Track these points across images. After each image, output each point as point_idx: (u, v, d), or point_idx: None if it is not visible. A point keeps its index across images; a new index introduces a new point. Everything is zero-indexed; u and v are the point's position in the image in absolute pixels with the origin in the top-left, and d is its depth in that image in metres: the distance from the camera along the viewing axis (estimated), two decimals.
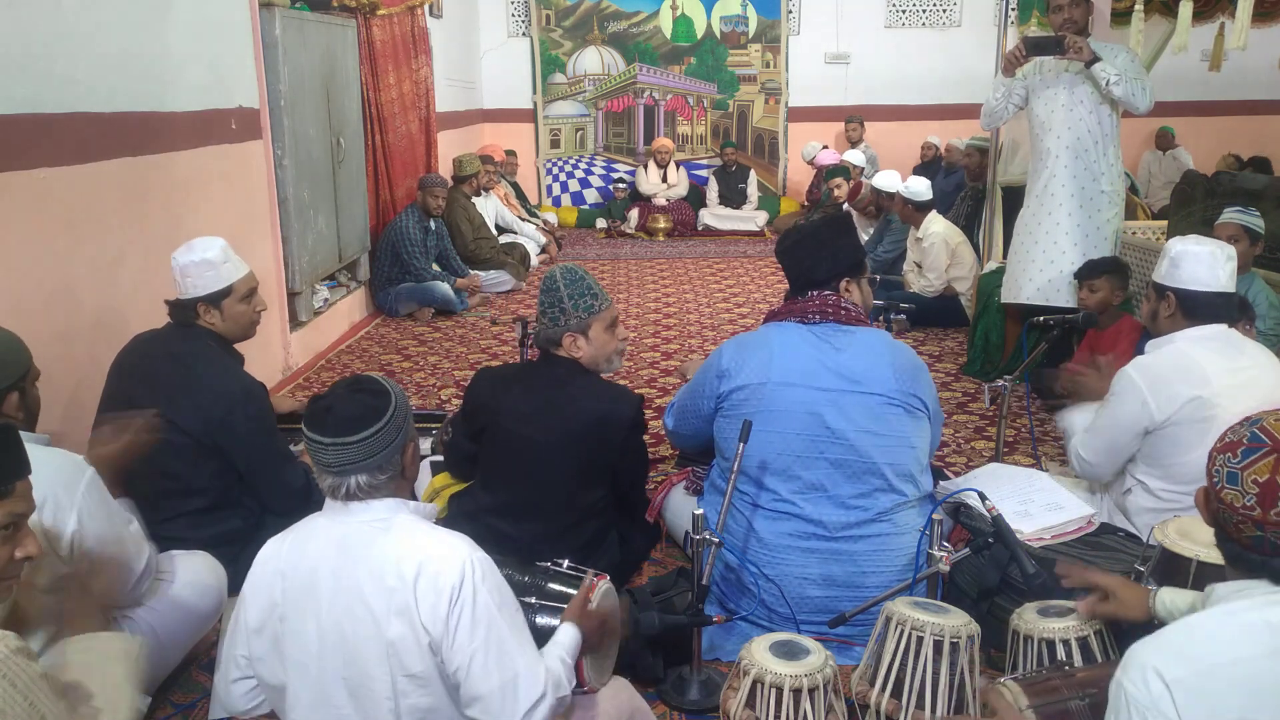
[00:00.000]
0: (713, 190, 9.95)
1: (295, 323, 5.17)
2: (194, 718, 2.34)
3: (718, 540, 2.29)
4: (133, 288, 3.45)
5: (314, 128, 5.25)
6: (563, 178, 10.57)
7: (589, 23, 10.19)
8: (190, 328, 2.74)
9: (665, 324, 6.13)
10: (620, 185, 10.01)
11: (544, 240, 8.37)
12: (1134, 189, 7.95)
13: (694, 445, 2.90)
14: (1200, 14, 5.06)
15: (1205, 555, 2.03)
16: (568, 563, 2.07)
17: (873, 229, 6.94)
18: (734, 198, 9.90)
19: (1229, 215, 3.68)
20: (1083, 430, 2.82)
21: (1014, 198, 5.01)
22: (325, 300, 5.67)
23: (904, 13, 10.06)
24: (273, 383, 4.71)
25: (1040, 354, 3.31)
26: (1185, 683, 1.25)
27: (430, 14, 7.68)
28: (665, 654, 2.39)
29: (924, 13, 10.04)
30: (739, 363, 2.58)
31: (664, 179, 9.83)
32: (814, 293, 2.58)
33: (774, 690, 1.98)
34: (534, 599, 1.94)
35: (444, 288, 6.36)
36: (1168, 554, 2.15)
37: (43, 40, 2.99)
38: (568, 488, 2.63)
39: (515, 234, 8.18)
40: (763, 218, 9.77)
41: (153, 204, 3.65)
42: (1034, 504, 2.66)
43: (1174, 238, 2.75)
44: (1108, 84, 3.91)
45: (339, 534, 1.67)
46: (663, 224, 9.51)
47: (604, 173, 10.52)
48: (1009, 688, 1.86)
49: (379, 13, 6.22)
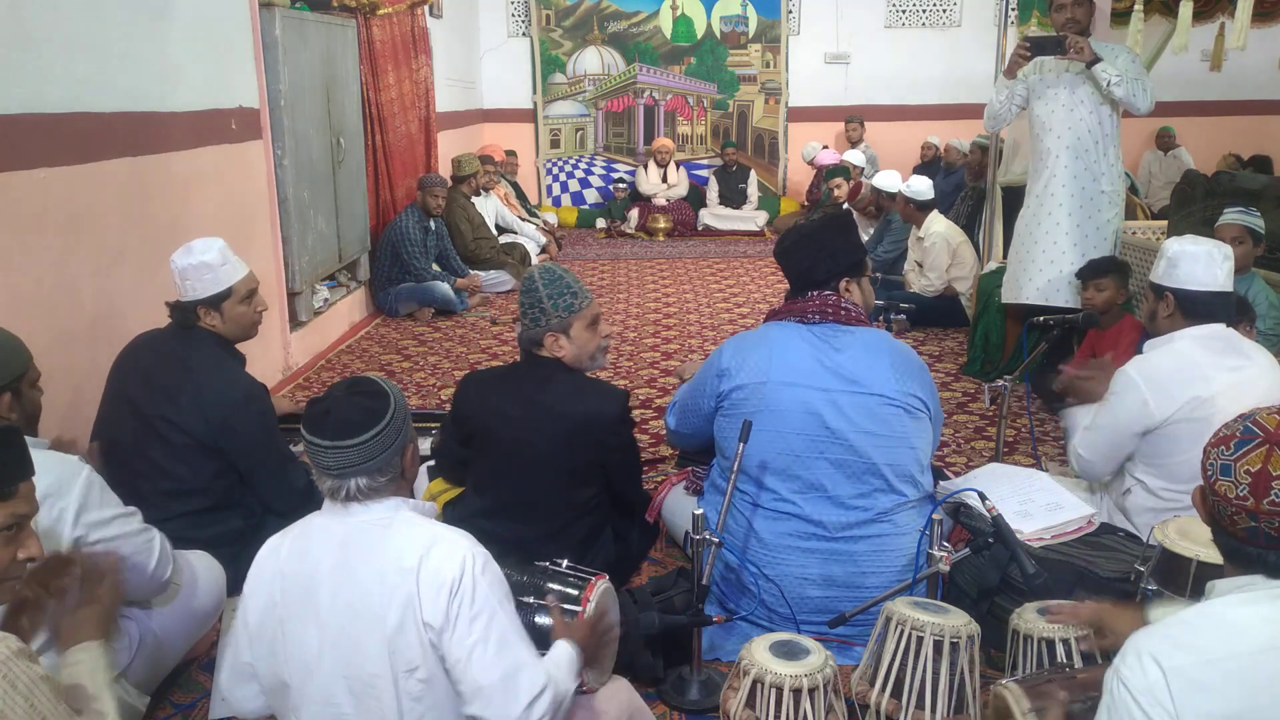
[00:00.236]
0: (713, 190, 9.95)
1: (295, 323, 5.17)
2: (194, 718, 2.34)
3: (718, 540, 2.29)
4: (133, 288, 3.45)
5: (314, 128, 5.25)
6: (563, 178, 10.57)
7: (589, 23, 10.19)
8: (191, 329, 2.74)
9: (665, 324, 6.13)
10: (620, 185, 10.01)
11: (544, 240, 8.37)
12: (1133, 189, 7.96)
13: (694, 444, 2.90)
14: (1200, 14, 5.07)
15: (1205, 555, 2.03)
16: (567, 562, 2.07)
17: (873, 229, 6.94)
18: (734, 198, 9.90)
19: (1231, 216, 3.67)
20: (1082, 429, 2.82)
21: (1014, 198, 5.01)
22: (325, 300, 5.67)
23: (904, 13, 10.05)
24: (273, 383, 4.71)
25: (1040, 354, 3.31)
26: (1183, 672, 1.25)
27: (430, 14, 7.68)
28: (665, 654, 2.39)
29: (924, 13, 10.04)
30: (739, 362, 2.58)
31: (664, 179, 9.83)
32: (814, 293, 2.58)
33: (774, 690, 1.98)
34: (533, 599, 1.94)
35: (444, 288, 6.36)
36: (1168, 554, 2.15)
37: (43, 40, 2.99)
38: (558, 488, 2.63)
39: (515, 234, 8.19)
40: (763, 218, 9.77)
41: (153, 204, 3.65)
42: (1034, 504, 2.66)
43: (1171, 238, 2.75)
44: (1109, 85, 3.91)
45: (339, 533, 1.67)
46: (663, 224, 9.51)
47: (604, 173, 10.52)
48: (1010, 690, 1.85)
49: (379, 13, 6.22)
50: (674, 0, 10.12)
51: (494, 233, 7.73)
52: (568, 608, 1.94)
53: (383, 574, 1.62)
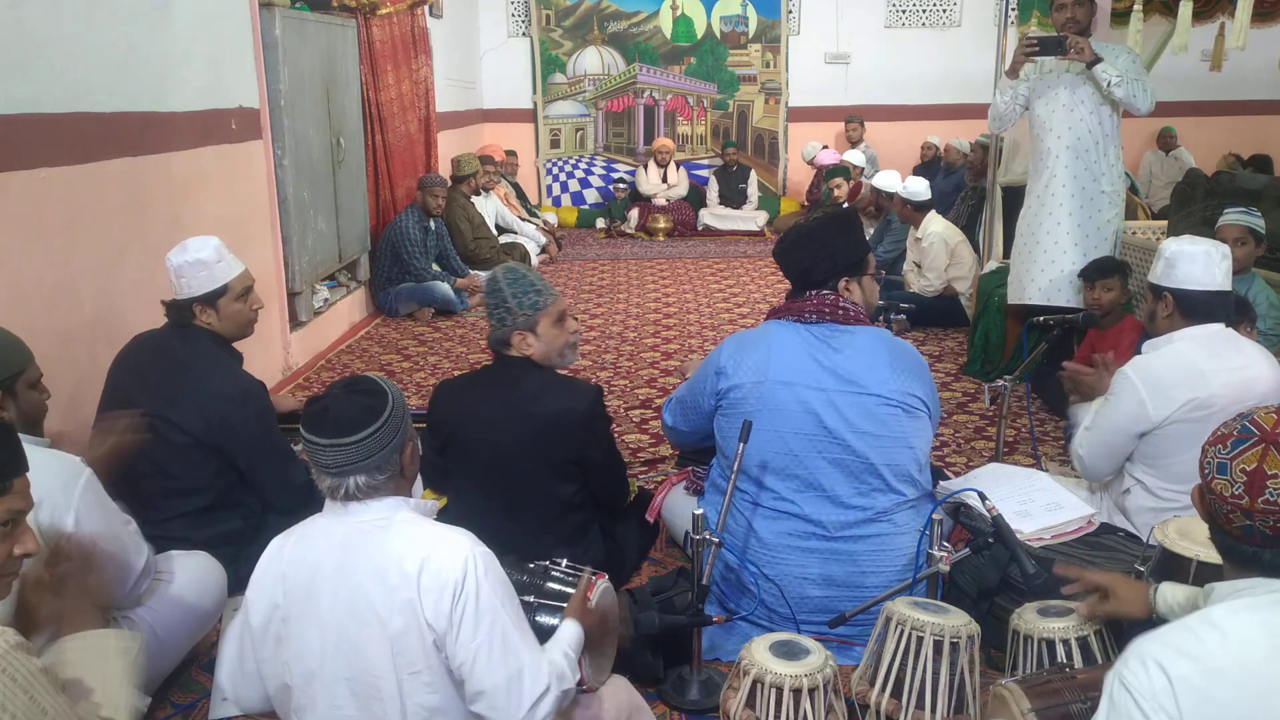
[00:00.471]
0: (713, 190, 9.95)
1: (295, 323, 5.17)
2: (194, 718, 2.34)
3: (718, 540, 2.29)
4: (133, 287, 3.45)
5: (314, 128, 5.25)
6: (563, 178, 10.57)
7: (589, 23, 10.19)
8: (188, 328, 2.74)
9: (665, 324, 6.13)
10: (620, 185, 10.01)
11: (544, 240, 8.37)
12: (1133, 189, 7.95)
13: (693, 442, 2.89)
14: (1200, 14, 5.07)
15: (1205, 555, 2.03)
16: (566, 562, 2.08)
17: (873, 229, 6.94)
18: (734, 198, 9.90)
19: (1232, 217, 3.66)
20: (1082, 429, 2.82)
21: (1014, 198, 5.01)
22: (325, 300, 5.67)
23: (904, 13, 10.05)
24: (273, 383, 4.71)
25: (1040, 354, 3.31)
26: (1189, 681, 1.25)
27: (430, 14, 7.68)
28: (665, 654, 2.39)
29: (924, 13, 10.04)
30: (737, 361, 2.57)
31: (664, 179, 9.83)
32: (812, 292, 2.57)
33: (774, 690, 1.98)
34: (533, 598, 1.94)
35: (444, 288, 6.37)
36: (1168, 554, 2.14)
37: (43, 40, 2.99)
38: (540, 486, 2.64)
39: (515, 234, 8.19)
40: (763, 218, 9.77)
41: (153, 204, 3.65)
42: (1034, 504, 2.66)
43: (1169, 238, 2.75)
44: (1109, 85, 3.91)
45: (340, 534, 1.67)
46: (663, 224, 9.51)
47: (604, 173, 10.52)
48: (1009, 689, 1.85)
49: (379, 13, 6.22)
50: (674, 0, 10.13)
51: (494, 233, 7.73)
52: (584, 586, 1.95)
53: (384, 576, 1.61)
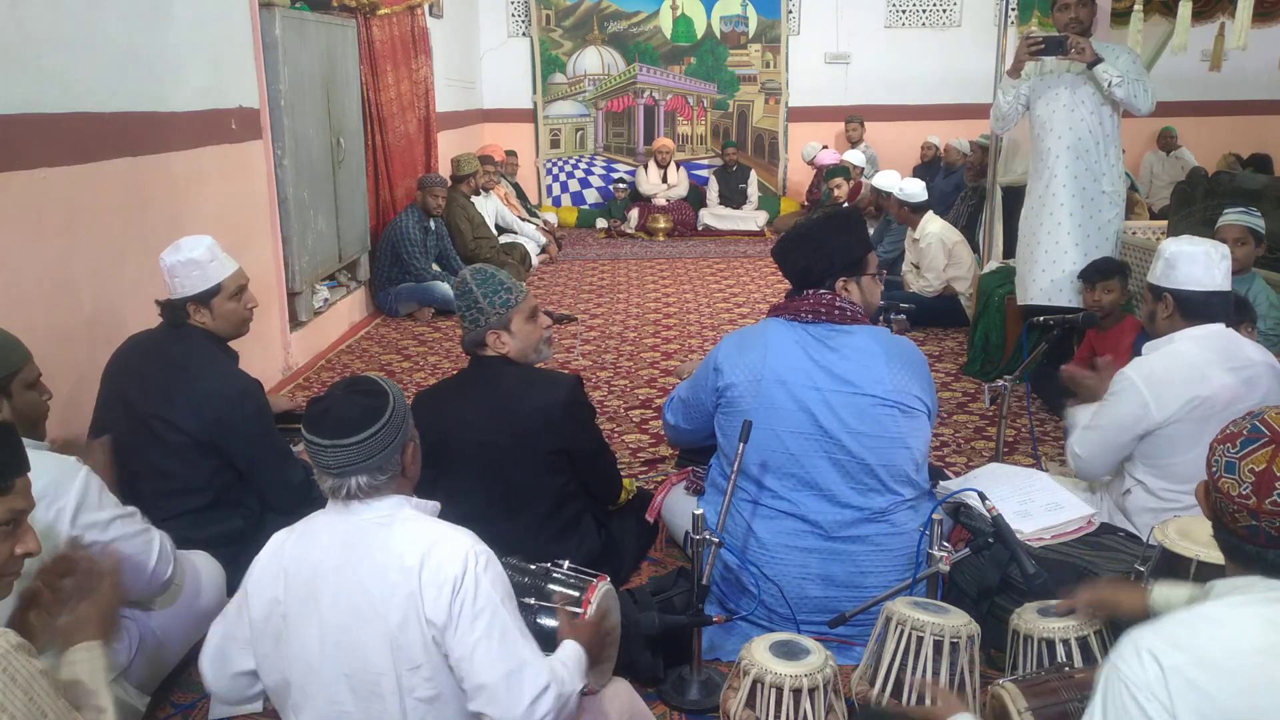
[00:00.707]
0: (713, 190, 9.95)
1: (295, 323, 5.17)
2: (194, 718, 2.34)
3: (718, 540, 2.29)
4: (132, 287, 3.45)
5: (314, 128, 5.25)
6: (563, 178, 10.57)
7: (589, 23, 10.19)
8: (183, 327, 2.74)
9: (665, 324, 6.13)
10: (620, 185, 10.01)
11: (544, 240, 8.37)
12: (1134, 189, 7.95)
13: (696, 440, 2.89)
14: (1200, 14, 5.08)
15: (1205, 555, 2.03)
16: (568, 564, 2.08)
17: (873, 229, 6.94)
18: (734, 198, 9.90)
19: (1232, 217, 3.66)
20: (1081, 428, 2.82)
21: (1014, 198, 5.01)
22: (325, 300, 5.67)
23: (904, 13, 10.05)
24: (273, 383, 4.71)
25: (1040, 354, 3.31)
26: (1182, 671, 1.25)
27: (430, 14, 7.68)
28: (665, 654, 2.39)
29: (924, 13, 10.04)
30: (734, 359, 2.57)
31: (664, 179, 9.83)
32: (809, 292, 2.57)
33: (774, 690, 1.98)
34: (534, 600, 1.94)
35: (444, 288, 6.36)
36: (1168, 554, 2.14)
37: (42, 40, 2.99)
38: (529, 481, 2.65)
39: (515, 234, 8.19)
40: (763, 218, 9.77)
41: (153, 204, 3.65)
42: (1034, 504, 2.66)
43: (1169, 239, 2.75)
44: (1110, 85, 3.91)
45: (341, 532, 1.68)
46: (663, 224, 9.51)
47: (604, 173, 10.52)
48: (1007, 689, 1.86)
49: (379, 13, 6.22)
50: (674, 0, 10.13)
51: (494, 233, 7.72)
52: (569, 609, 1.94)
53: (384, 572, 1.62)
